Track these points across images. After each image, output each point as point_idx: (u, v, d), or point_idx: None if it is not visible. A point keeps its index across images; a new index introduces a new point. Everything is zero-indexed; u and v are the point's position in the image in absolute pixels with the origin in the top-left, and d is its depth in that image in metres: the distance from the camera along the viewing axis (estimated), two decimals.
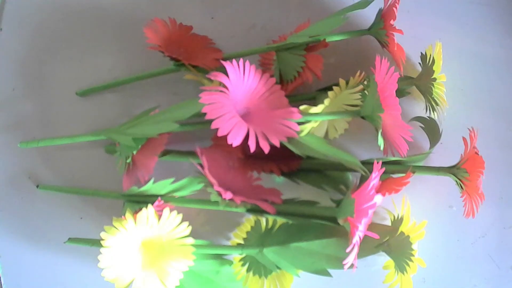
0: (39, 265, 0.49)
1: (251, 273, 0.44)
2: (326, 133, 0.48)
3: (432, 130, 0.48)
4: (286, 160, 0.46)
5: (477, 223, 0.49)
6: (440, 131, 0.47)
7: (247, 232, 0.46)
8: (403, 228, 0.43)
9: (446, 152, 0.48)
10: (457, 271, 0.50)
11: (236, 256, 0.45)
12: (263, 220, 0.45)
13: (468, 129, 0.44)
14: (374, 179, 0.37)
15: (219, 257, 0.46)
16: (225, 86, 0.39)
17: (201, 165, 0.39)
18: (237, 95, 0.40)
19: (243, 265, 0.44)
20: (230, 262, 0.45)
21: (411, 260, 0.42)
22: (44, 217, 0.50)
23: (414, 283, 0.42)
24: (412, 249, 0.43)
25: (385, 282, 0.43)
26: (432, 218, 0.47)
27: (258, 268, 0.44)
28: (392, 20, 0.43)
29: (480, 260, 0.50)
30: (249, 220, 0.46)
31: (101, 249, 0.38)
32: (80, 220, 0.49)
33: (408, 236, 0.43)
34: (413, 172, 0.43)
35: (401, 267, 0.42)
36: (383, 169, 0.39)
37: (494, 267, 0.50)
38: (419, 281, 0.49)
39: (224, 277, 0.45)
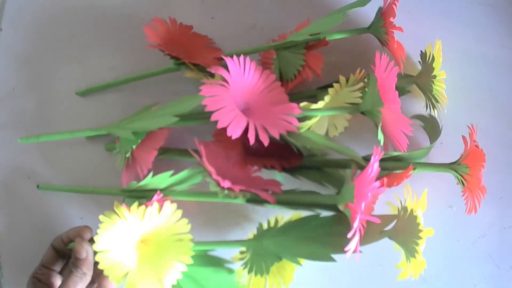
0: None
1: (252, 274, 0.43)
2: (327, 131, 0.48)
3: (432, 127, 0.48)
4: (287, 158, 0.46)
5: (477, 223, 0.49)
6: (440, 128, 0.47)
7: None
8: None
9: (446, 152, 0.48)
10: (457, 271, 0.50)
11: (239, 268, 0.43)
12: (264, 224, 0.44)
13: (468, 126, 0.44)
14: (374, 163, 0.37)
15: (217, 262, 0.45)
16: (225, 81, 0.39)
17: (200, 156, 0.39)
18: (237, 90, 0.41)
19: (244, 268, 0.43)
20: (229, 270, 0.45)
21: (419, 238, 0.40)
22: (44, 217, 0.49)
23: (414, 283, 0.42)
24: (419, 224, 0.40)
25: (398, 267, 0.41)
26: (432, 218, 0.46)
27: (259, 265, 0.42)
28: (391, 18, 0.43)
29: (480, 260, 0.50)
30: None
31: (98, 231, 0.38)
32: (80, 220, 0.50)
33: (412, 210, 0.41)
34: (414, 168, 0.42)
35: (411, 251, 0.40)
36: (382, 153, 0.39)
37: (494, 267, 0.50)
38: (419, 281, 0.48)
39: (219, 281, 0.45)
